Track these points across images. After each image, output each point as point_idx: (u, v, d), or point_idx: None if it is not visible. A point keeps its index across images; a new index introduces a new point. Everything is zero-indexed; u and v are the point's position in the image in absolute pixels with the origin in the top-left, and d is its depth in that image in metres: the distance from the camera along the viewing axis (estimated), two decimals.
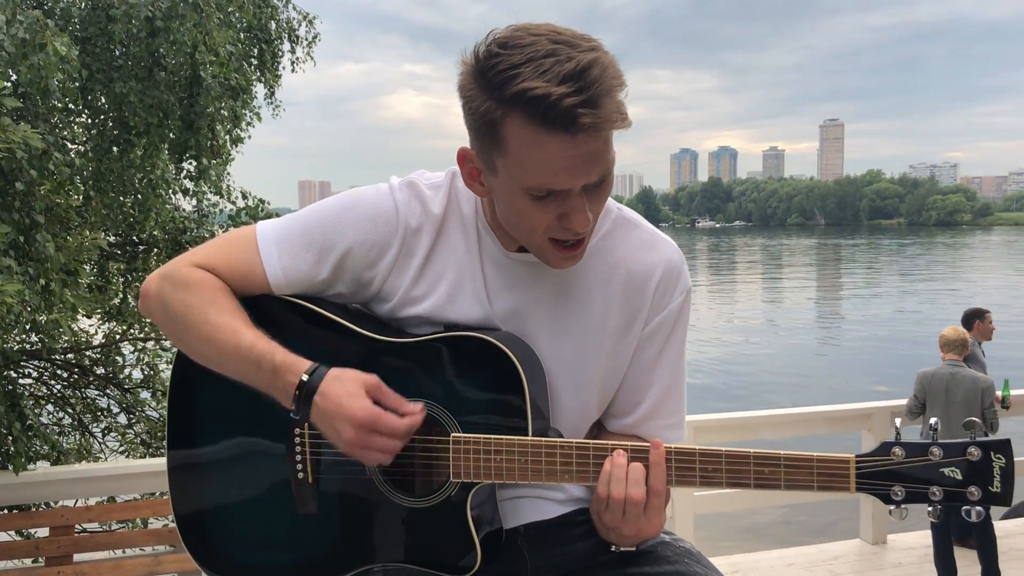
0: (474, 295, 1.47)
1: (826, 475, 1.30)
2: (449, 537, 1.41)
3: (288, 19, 7.66)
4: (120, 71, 5.30)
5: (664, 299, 1.52)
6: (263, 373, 1.37)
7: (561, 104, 1.20)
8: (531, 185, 1.28)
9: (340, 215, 1.46)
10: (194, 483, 1.54)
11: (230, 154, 6.56)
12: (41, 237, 4.20)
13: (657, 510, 1.32)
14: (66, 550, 4.41)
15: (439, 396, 1.40)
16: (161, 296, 1.45)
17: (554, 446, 1.36)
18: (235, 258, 1.46)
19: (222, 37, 5.41)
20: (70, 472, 4.80)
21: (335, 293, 1.49)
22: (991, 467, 1.26)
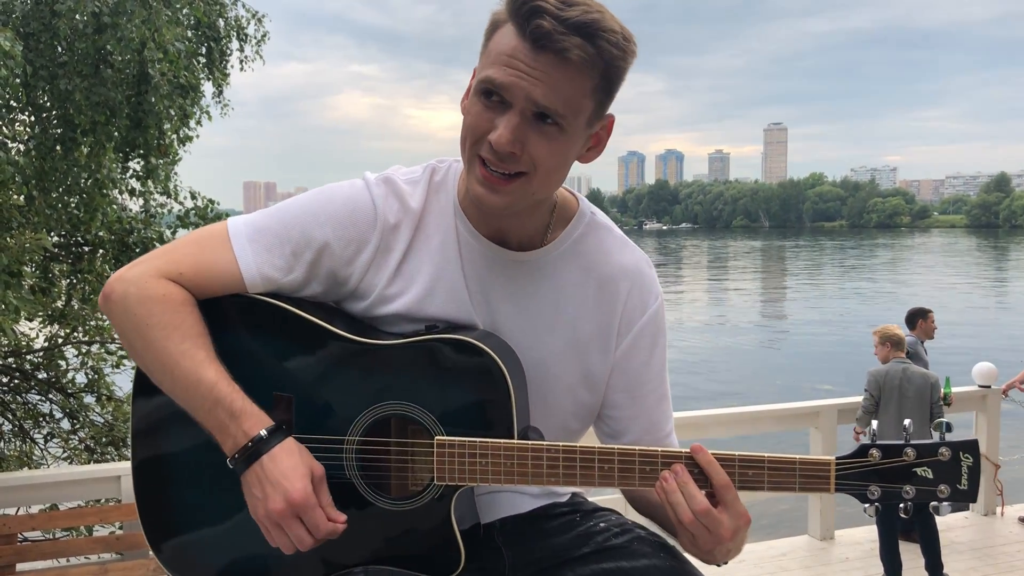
0: (452, 290, 1.45)
1: (808, 477, 1.33)
2: (432, 539, 1.40)
3: (237, 17, 7.55)
4: (65, 68, 5.16)
5: (640, 304, 1.53)
6: (217, 414, 1.33)
7: (531, 2, 1.24)
8: (484, 76, 1.30)
9: (316, 211, 1.42)
10: (164, 490, 1.49)
11: (177, 153, 6.44)
12: None
13: (733, 502, 1.31)
14: (8, 560, 4.30)
15: (422, 399, 1.38)
16: (124, 303, 1.39)
17: (540, 449, 1.35)
18: (206, 260, 1.41)
19: (171, 34, 5.31)
20: (11, 479, 4.69)
21: (311, 292, 1.45)
22: (960, 466, 1.32)
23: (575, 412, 1.54)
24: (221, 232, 1.43)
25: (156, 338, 1.36)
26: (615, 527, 1.55)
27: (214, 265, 1.40)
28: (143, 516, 1.49)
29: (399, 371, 1.39)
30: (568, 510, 1.60)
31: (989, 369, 6.65)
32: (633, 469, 1.34)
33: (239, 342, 1.42)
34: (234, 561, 1.45)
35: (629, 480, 1.34)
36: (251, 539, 1.43)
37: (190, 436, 1.42)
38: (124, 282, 1.40)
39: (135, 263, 1.43)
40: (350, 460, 1.39)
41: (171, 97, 5.42)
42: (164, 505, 1.50)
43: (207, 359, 1.35)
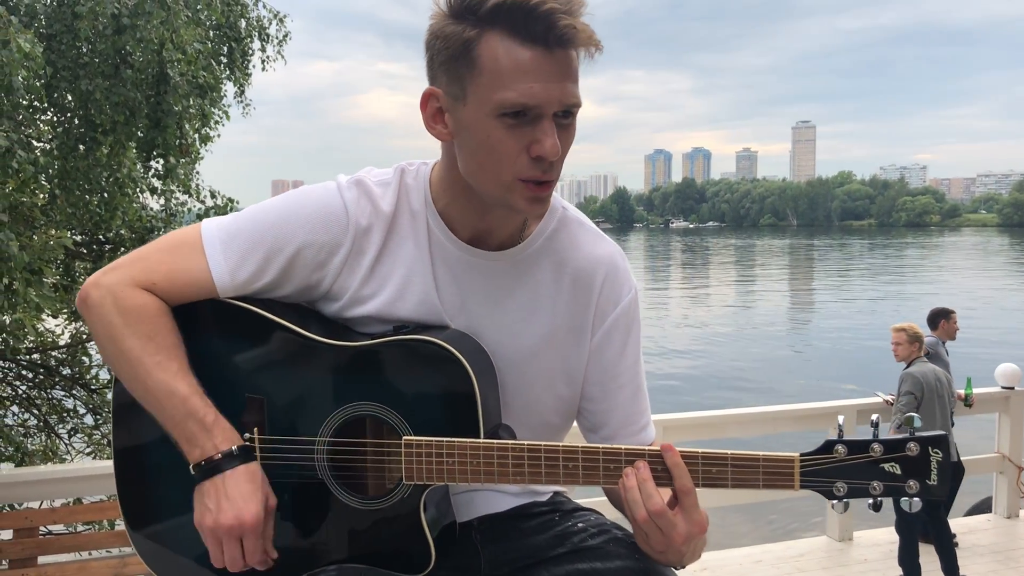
0: (423, 291, 1.46)
1: (771, 474, 1.32)
2: (403, 538, 1.41)
3: (258, 17, 7.61)
4: (86, 68, 5.24)
5: (613, 296, 1.53)
6: (188, 425, 1.35)
7: (540, 8, 1.22)
8: (504, 101, 1.26)
9: (289, 216, 1.43)
10: (143, 489, 1.51)
11: (199, 153, 6.51)
12: (4, 236, 4.15)
13: (692, 508, 1.31)
14: (31, 552, 4.36)
15: (390, 399, 1.39)
16: (100, 310, 1.41)
17: (506, 448, 1.35)
18: (179, 267, 1.42)
19: (189, 35, 5.36)
20: (35, 473, 4.76)
21: (283, 294, 1.46)
22: (929, 461, 1.30)
23: (555, 407, 1.55)
24: (194, 238, 1.43)
25: (130, 348, 1.38)
26: (592, 527, 1.55)
27: (187, 272, 1.41)
28: (124, 511, 1.52)
29: (367, 372, 1.40)
30: (547, 509, 1.60)
31: (1013, 370, 6.57)
32: (597, 466, 1.35)
33: (212, 345, 1.44)
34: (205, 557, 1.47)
35: (594, 478, 1.35)
36: None
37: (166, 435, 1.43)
38: (100, 288, 1.41)
39: (111, 268, 1.44)
40: (321, 460, 1.41)
41: (190, 97, 5.48)
42: (142, 500, 1.52)
43: (180, 371, 1.37)
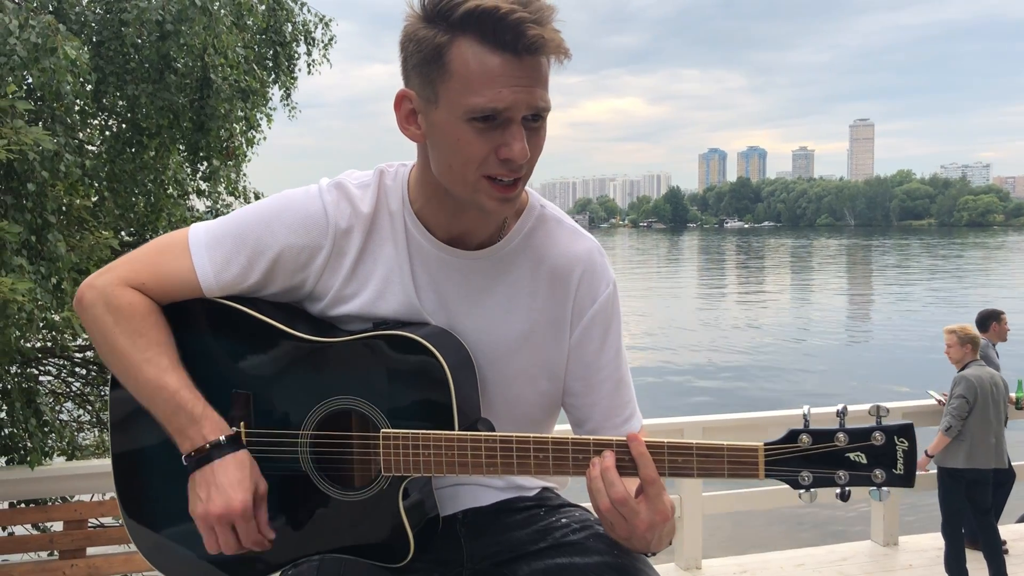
0: (402, 291, 1.50)
1: (736, 463, 1.34)
2: (383, 528, 1.45)
3: (304, 21, 7.73)
4: (133, 74, 5.40)
5: (590, 292, 1.56)
6: (178, 417, 1.41)
7: (510, 17, 1.25)
8: (474, 105, 1.29)
9: (271, 219, 1.48)
10: (138, 481, 1.58)
11: (245, 155, 6.64)
12: (53, 237, 4.30)
13: (656, 498, 1.33)
14: (80, 544, 4.50)
15: (369, 393, 1.44)
16: (93, 311, 1.48)
17: (479, 440, 1.39)
18: (166, 268, 1.48)
19: (231, 40, 5.48)
20: (84, 467, 4.90)
21: (269, 294, 1.52)
22: (895, 451, 1.31)
23: (538, 403, 1.58)
24: (182, 241, 1.50)
25: (122, 345, 1.44)
26: (576, 523, 1.58)
27: (174, 273, 1.48)
28: (123, 507, 1.58)
29: (347, 367, 1.45)
30: (532, 504, 1.63)
31: None
32: (567, 457, 1.38)
33: (201, 343, 1.51)
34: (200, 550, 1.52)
35: (564, 468, 1.38)
36: None
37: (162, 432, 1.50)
38: (93, 289, 1.49)
39: (104, 270, 1.52)
40: (304, 453, 1.46)
41: (232, 101, 5.59)
42: (140, 497, 1.59)
43: (170, 366, 1.43)
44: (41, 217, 4.31)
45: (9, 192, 4.23)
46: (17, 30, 4.15)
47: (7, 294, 3.76)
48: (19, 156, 3.97)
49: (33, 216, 4.26)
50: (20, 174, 4.17)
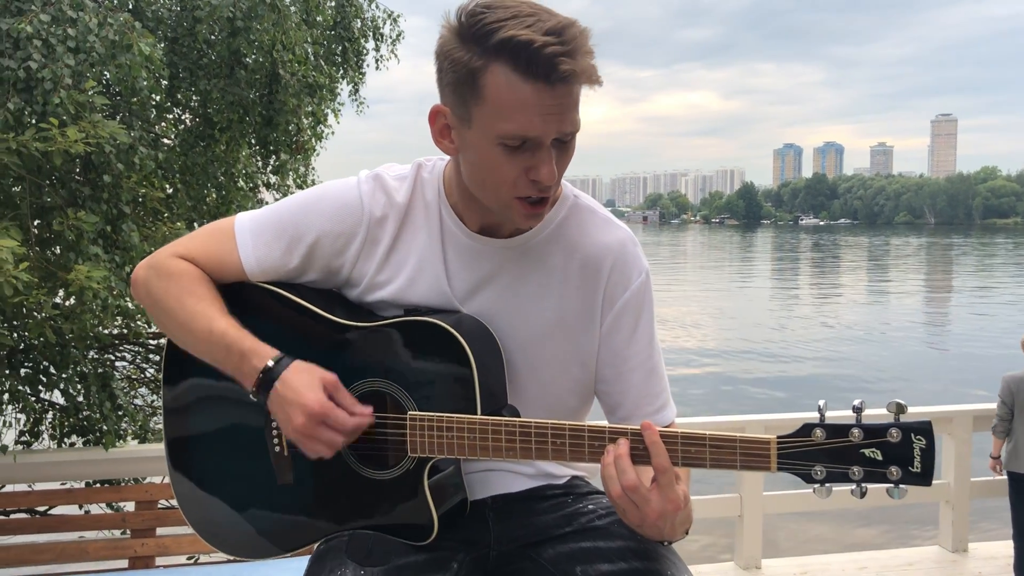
0: (434, 279, 1.56)
1: (748, 455, 1.35)
2: (409, 507, 1.50)
3: (372, 17, 7.85)
4: (205, 69, 5.58)
5: (622, 281, 1.59)
6: (232, 357, 1.48)
7: (544, 51, 1.29)
8: (506, 132, 1.35)
9: (309, 207, 1.57)
10: (188, 455, 1.67)
11: (314, 149, 6.79)
12: (127, 227, 4.47)
13: (668, 487, 1.36)
14: (150, 524, 4.64)
15: (397, 376, 1.50)
16: (147, 284, 1.58)
17: (500, 425, 1.43)
18: (213, 248, 1.58)
19: (299, 36, 5.61)
20: (156, 450, 5.06)
21: (309, 280, 1.60)
22: (911, 448, 1.31)
23: (571, 389, 1.62)
24: (228, 226, 1.60)
25: (173, 306, 1.54)
26: (602, 510, 1.62)
27: (221, 255, 1.58)
28: (175, 484, 1.67)
29: (378, 351, 1.52)
30: (560, 492, 1.68)
31: None
32: (583, 444, 1.41)
33: (245, 324, 1.57)
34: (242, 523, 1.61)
35: (580, 455, 1.41)
36: (258, 504, 1.60)
37: (212, 411, 1.59)
38: (146, 265, 1.61)
39: (157, 252, 1.62)
40: None
41: (300, 96, 5.73)
42: (191, 472, 1.68)
43: (218, 313, 1.52)
44: (116, 208, 4.48)
45: (87, 183, 4.40)
46: (96, 28, 4.31)
47: (83, 281, 3.93)
48: (96, 149, 4.14)
49: (109, 207, 4.43)
50: (97, 166, 4.33)
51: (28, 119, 4.12)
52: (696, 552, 7.48)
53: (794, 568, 5.50)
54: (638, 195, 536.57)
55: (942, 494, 5.64)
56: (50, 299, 4.16)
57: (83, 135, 3.98)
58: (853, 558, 5.77)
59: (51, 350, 4.49)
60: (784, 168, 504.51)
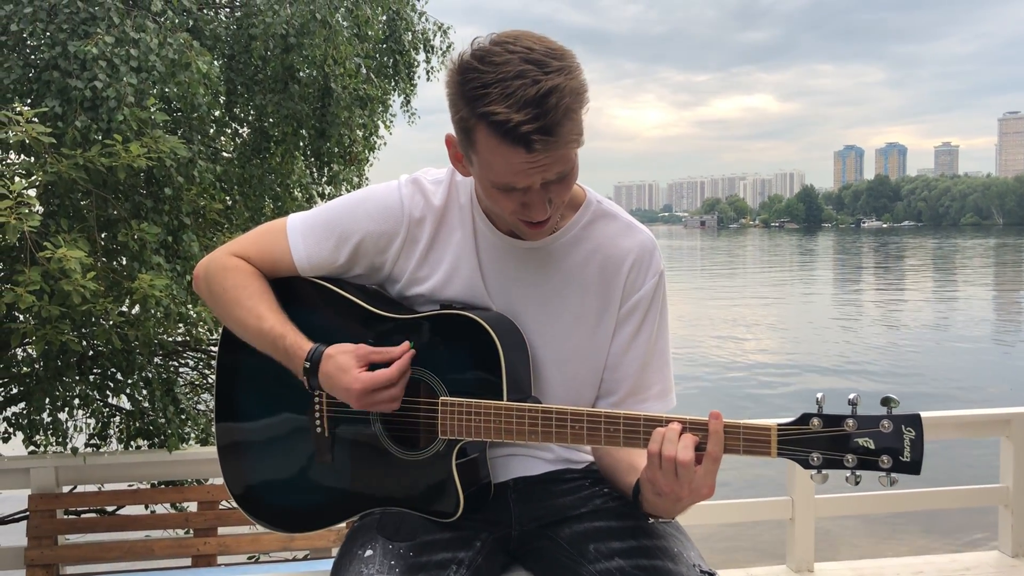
0: (468, 275, 1.68)
1: (750, 441, 1.45)
2: (437, 486, 1.62)
3: (423, 31, 8.02)
4: (260, 84, 5.78)
5: (637, 281, 1.71)
6: (279, 352, 1.64)
7: (519, 130, 1.39)
8: (496, 181, 1.48)
9: (355, 209, 1.71)
10: (236, 435, 1.81)
11: (367, 160, 6.96)
12: (187, 237, 4.67)
13: (711, 474, 1.45)
14: (211, 523, 4.80)
15: (432, 364, 1.62)
16: (206, 279, 1.74)
17: (523, 410, 1.55)
18: (267, 247, 1.73)
19: (349, 50, 5.78)
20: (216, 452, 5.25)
21: (355, 275, 1.74)
22: (902, 439, 1.40)
23: (590, 382, 1.74)
24: (281, 226, 1.75)
25: (230, 300, 1.69)
26: (616, 492, 1.72)
27: (274, 253, 1.73)
28: (223, 462, 1.79)
29: (416, 341, 1.64)
30: (579, 476, 1.79)
31: None
32: (599, 430, 1.52)
33: (294, 315, 1.72)
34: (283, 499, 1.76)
35: (596, 438, 1.53)
36: (299, 482, 1.73)
37: (260, 392, 1.73)
38: (205, 263, 1.77)
39: (217, 249, 1.77)
40: (374, 415, 1.66)
41: (351, 108, 5.90)
42: (237, 452, 1.82)
43: (268, 309, 1.67)
44: (177, 219, 4.68)
45: (149, 196, 4.60)
46: (157, 48, 4.52)
47: (147, 290, 4.11)
48: (158, 163, 4.33)
49: (170, 218, 4.63)
50: (159, 180, 4.54)
51: (94, 136, 4.35)
52: (747, 557, 7.45)
53: (847, 572, 5.44)
54: (695, 200, 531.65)
55: (1001, 498, 5.53)
56: (116, 307, 4.36)
57: (145, 150, 4.17)
58: (908, 562, 5.69)
59: (118, 357, 4.70)
60: (845, 170, 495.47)
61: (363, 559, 1.59)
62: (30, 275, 3.70)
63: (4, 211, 3.58)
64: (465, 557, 1.62)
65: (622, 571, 1.56)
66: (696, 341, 25.24)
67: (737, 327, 29.34)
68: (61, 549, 4.53)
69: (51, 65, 4.42)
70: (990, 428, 5.86)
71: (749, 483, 9.80)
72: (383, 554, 1.59)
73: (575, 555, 1.64)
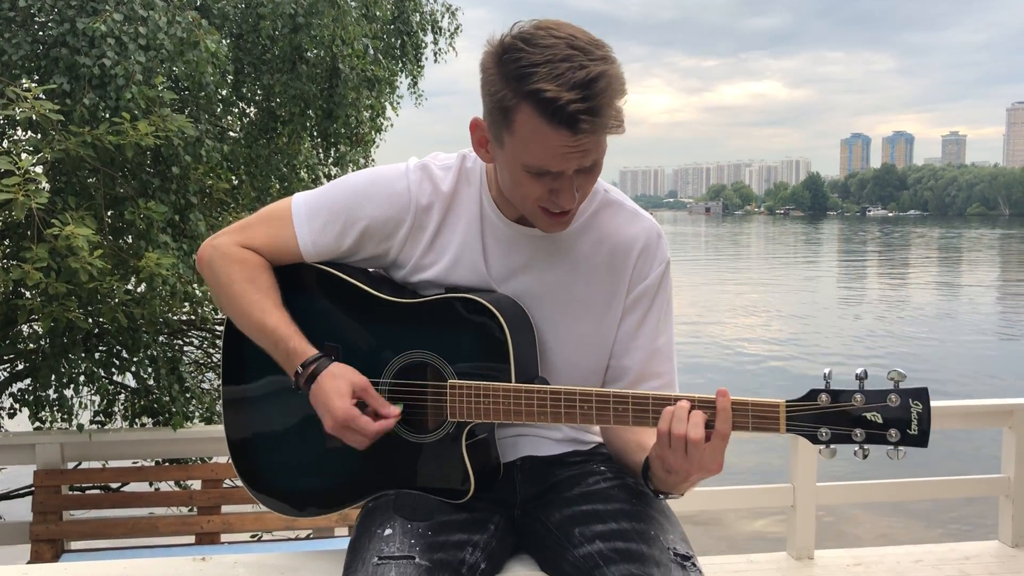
0: (473, 262, 1.69)
1: (760, 418, 1.47)
2: (448, 468, 1.64)
3: (431, 11, 7.99)
4: (268, 64, 5.77)
5: (644, 269, 1.73)
6: (279, 352, 1.64)
7: (567, 108, 1.39)
8: (530, 163, 1.48)
9: (361, 194, 1.70)
10: (243, 417, 1.82)
11: (373, 141, 6.95)
12: (194, 216, 4.67)
13: (720, 451, 1.48)
14: (215, 501, 4.83)
15: (439, 348, 1.63)
16: (211, 265, 1.73)
17: (532, 392, 1.56)
18: (273, 235, 1.72)
19: (358, 31, 5.76)
20: (221, 431, 5.26)
21: (359, 260, 1.74)
22: (909, 412, 1.42)
23: (594, 367, 1.77)
24: (285, 210, 1.74)
25: (236, 293, 1.69)
26: (609, 474, 1.76)
27: (280, 240, 1.72)
28: (230, 443, 1.81)
29: (422, 324, 1.66)
30: (581, 460, 1.82)
31: None
32: (607, 410, 1.55)
33: (299, 301, 1.73)
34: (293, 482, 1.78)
35: (605, 418, 1.55)
36: (309, 465, 1.75)
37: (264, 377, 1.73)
38: (212, 248, 1.75)
39: (221, 233, 1.77)
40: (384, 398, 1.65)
41: (359, 89, 5.89)
42: (245, 432, 1.83)
43: (273, 307, 1.67)
44: (184, 198, 4.68)
45: (157, 175, 4.61)
46: (166, 26, 4.51)
47: (153, 268, 4.12)
48: (165, 142, 4.33)
49: (177, 197, 4.63)
50: (166, 158, 4.54)
51: (102, 114, 4.34)
52: (748, 542, 7.48)
53: (848, 559, 5.46)
54: (701, 186, 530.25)
55: (1002, 488, 5.55)
56: (122, 285, 4.37)
57: (153, 129, 4.17)
58: (909, 551, 5.71)
59: (124, 334, 4.72)
60: (852, 158, 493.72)
61: (383, 537, 1.60)
62: (37, 252, 3.70)
63: (12, 188, 3.58)
64: (480, 540, 1.65)
65: (600, 554, 1.59)
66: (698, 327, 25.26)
67: (737, 314, 29.34)
68: (66, 525, 4.56)
69: (59, 42, 4.40)
70: (992, 419, 5.87)
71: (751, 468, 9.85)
72: (402, 533, 1.60)
73: (562, 539, 1.67)
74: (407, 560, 1.54)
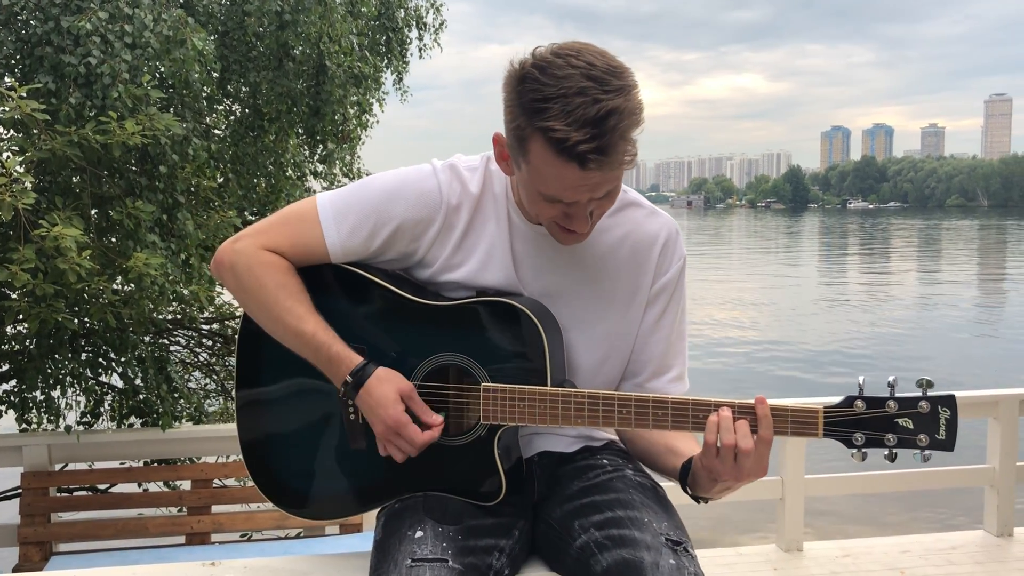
0: (502, 264, 1.71)
1: (798, 423, 1.52)
2: (479, 470, 1.65)
3: (416, 7, 7.98)
4: (254, 62, 5.74)
5: (665, 264, 1.77)
6: (320, 358, 1.63)
7: (576, 148, 1.41)
8: (543, 192, 1.51)
9: (391, 194, 1.69)
10: (261, 420, 1.79)
11: (359, 138, 6.93)
12: (182, 216, 4.64)
13: (765, 456, 1.54)
14: (205, 501, 4.81)
15: (472, 351, 1.64)
16: (234, 269, 1.70)
17: (569, 395, 1.59)
18: (299, 237, 1.70)
19: (344, 28, 5.74)
20: (210, 431, 5.24)
21: (384, 260, 1.73)
22: (938, 418, 1.50)
23: (619, 364, 1.80)
24: (311, 211, 1.71)
25: (266, 299, 1.67)
26: (610, 467, 1.79)
27: (307, 242, 1.70)
28: (244, 449, 1.79)
29: (453, 327, 1.66)
30: (594, 453, 1.87)
31: None
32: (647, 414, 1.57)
33: (325, 303, 1.71)
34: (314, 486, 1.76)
35: (644, 422, 1.58)
36: (331, 468, 1.73)
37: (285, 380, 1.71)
38: (234, 252, 1.71)
39: (241, 236, 1.73)
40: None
41: (346, 87, 5.87)
42: (262, 438, 1.80)
43: (307, 312, 1.65)
44: (172, 197, 4.64)
45: (143, 174, 4.57)
46: (151, 24, 4.47)
47: (141, 268, 4.09)
48: (152, 141, 4.29)
49: (164, 196, 4.59)
50: (153, 157, 4.50)
51: (88, 113, 4.30)
52: (737, 536, 7.53)
53: (836, 551, 5.51)
54: (682, 180, 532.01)
55: (987, 478, 5.61)
56: (110, 285, 4.33)
57: (140, 128, 4.13)
58: (896, 542, 5.76)
59: (111, 335, 4.68)
60: (832, 151, 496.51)
61: (414, 539, 1.59)
62: (24, 253, 3.67)
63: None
64: (507, 545, 1.66)
65: (596, 542, 1.60)
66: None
67: (721, 308, 29.46)
68: (54, 527, 4.53)
69: (44, 41, 4.35)
70: (978, 409, 5.93)
71: None
72: (434, 536, 1.60)
73: (563, 534, 1.68)
74: (440, 563, 1.53)
